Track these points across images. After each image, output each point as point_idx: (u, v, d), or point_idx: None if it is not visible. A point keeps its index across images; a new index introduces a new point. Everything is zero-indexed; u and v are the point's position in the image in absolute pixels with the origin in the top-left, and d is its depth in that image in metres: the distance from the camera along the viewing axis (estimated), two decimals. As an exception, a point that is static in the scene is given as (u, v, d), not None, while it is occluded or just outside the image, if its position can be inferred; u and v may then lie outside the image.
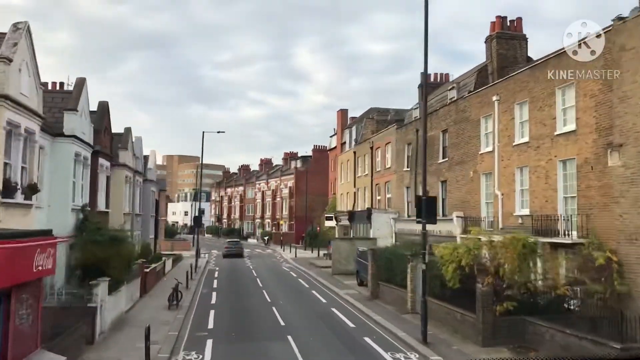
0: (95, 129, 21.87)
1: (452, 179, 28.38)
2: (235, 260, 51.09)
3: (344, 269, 35.69)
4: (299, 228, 79.46)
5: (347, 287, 29.74)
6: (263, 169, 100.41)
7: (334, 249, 36.48)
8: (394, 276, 23.75)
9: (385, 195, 38.81)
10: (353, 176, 46.86)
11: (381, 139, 40.17)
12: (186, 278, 30.00)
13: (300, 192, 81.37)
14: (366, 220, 37.45)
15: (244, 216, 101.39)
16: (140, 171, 33.48)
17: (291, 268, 42.45)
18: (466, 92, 28.35)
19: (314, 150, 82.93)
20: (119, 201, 27.42)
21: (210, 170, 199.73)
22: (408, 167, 34.55)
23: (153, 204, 39.90)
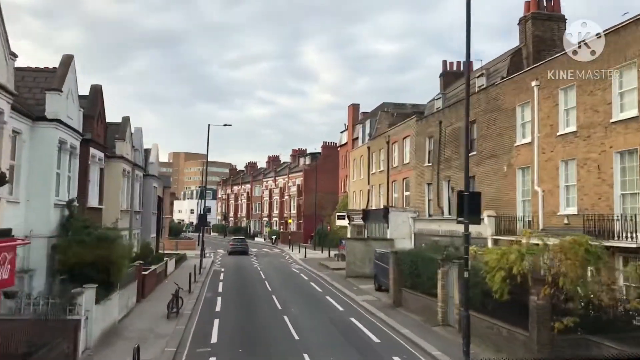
0: (86, 115, 19.43)
1: (482, 174, 25.75)
2: (241, 260, 48.65)
3: (359, 271, 33.14)
4: (307, 227, 76.98)
5: (364, 293, 27.19)
6: (270, 166, 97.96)
7: (348, 250, 33.93)
8: (420, 282, 21.16)
9: (403, 192, 36.20)
10: (367, 173, 44.28)
11: (398, 133, 37.56)
12: (189, 281, 27.54)
13: (309, 190, 78.84)
14: (382, 219, 34.87)
15: (251, 214, 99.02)
16: (141, 165, 31.05)
17: (301, 269, 39.94)
18: (498, 78, 25.70)
19: (324, 147, 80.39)
20: (114, 197, 24.99)
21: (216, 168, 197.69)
22: (429, 162, 31.94)
23: (155, 201, 37.50)
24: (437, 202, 30.46)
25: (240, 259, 50.71)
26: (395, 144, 38.16)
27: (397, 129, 37.85)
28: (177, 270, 37.87)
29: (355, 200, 48.23)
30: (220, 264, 45.36)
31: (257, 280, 33.18)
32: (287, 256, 54.21)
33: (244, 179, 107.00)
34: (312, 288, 29.63)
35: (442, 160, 30.23)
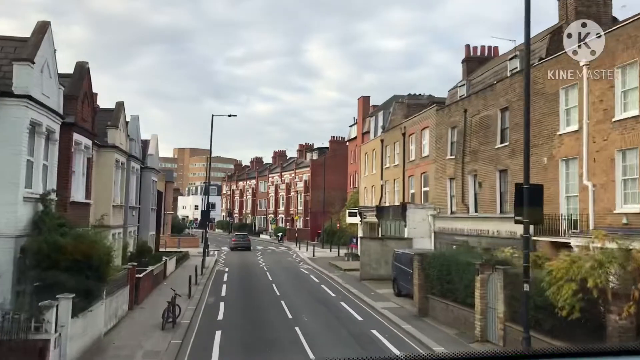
0: (69, 95, 16.80)
1: (517, 167, 22.96)
2: (246, 259, 46.07)
3: (375, 273, 30.48)
4: (314, 224, 74.34)
5: (382, 298, 24.51)
6: (276, 161, 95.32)
7: (362, 251, 31.24)
8: (452, 290, 18.46)
9: (421, 188, 33.47)
10: (380, 167, 41.55)
11: (416, 124, 34.80)
12: (189, 283, 24.91)
13: (317, 185, 76.17)
14: (399, 217, 32.15)
15: (256, 211, 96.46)
16: (137, 157, 28.42)
17: (310, 270, 37.29)
18: (536, 59, 22.90)
19: (331, 142, 77.68)
20: (105, 190, 22.39)
21: (221, 164, 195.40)
22: (452, 155, 29.20)
23: (154, 196, 34.91)
24: (462, 199, 27.72)
25: (245, 257, 48.16)
26: (412, 136, 35.41)
27: (415, 119, 35.08)
28: (178, 271, 35.30)
29: (366, 197, 45.53)
30: (224, 263, 42.79)
31: (263, 282, 30.55)
32: (295, 254, 51.60)
33: (249, 174, 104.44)
34: (325, 292, 26.97)
35: (467, 153, 27.48)
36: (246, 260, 45.00)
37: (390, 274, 29.92)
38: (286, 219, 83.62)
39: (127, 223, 26.11)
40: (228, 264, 41.97)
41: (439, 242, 30.22)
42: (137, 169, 28.35)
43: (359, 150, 49.27)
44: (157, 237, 38.42)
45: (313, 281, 31.24)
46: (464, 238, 27.17)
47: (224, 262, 43.25)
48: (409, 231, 31.19)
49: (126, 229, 25.85)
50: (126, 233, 25.85)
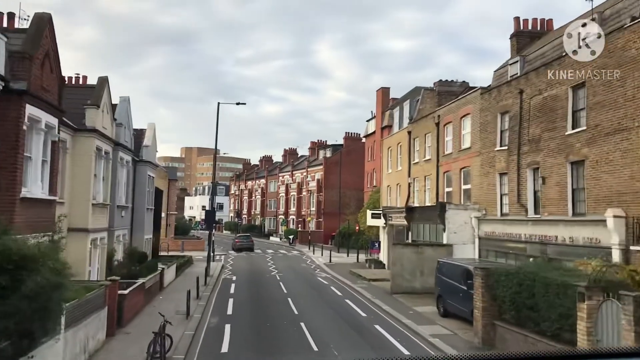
0: (18, 53, 12.30)
1: (598, 158, 18.22)
2: (256, 265, 41.56)
3: (408, 286, 25.82)
4: (328, 226, 69.76)
5: (425, 320, 19.83)
6: (287, 160, 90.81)
7: (394, 259, 26.51)
8: (535, 318, 13.75)
9: (460, 185, 28.76)
10: (406, 163, 36.85)
11: (453, 111, 30.10)
12: (187, 300, 20.33)
13: (330, 185, 71.60)
14: (436, 219, 27.45)
15: (265, 212, 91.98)
16: (128, 146, 23.94)
17: (330, 280, 32.66)
18: (624, 19, 18.14)
19: (346, 138, 73.05)
20: (82, 185, 17.89)
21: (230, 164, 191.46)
22: (504, 145, 24.48)
23: (151, 194, 30.44)
24: (517, 198, 22.99)
25: (254, 262, 43.66)
26: (447, 126, 30.71)
27: (451, 106, 30.35)
28: (179, 280, 30.82)
29: (390, 196, 40.85)
30: (232, 269, 38.25)
31: (277, 295, 25.96)
32: (309, 260, 46.99)
33: (259, 173, 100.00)
34: (352, 310, 22.30)
35: (524, 142, 22.75)
36: (256, 267, 40.47)
37: (425, 287, 25.33)
38: (297, 220, 79.09)
39: (114, 225, 21.62)
40: (236, 270, 37.43)
41: (485, 249, 25.52)
42: (127, 161, 23.86)
43: (381, 145, 44.56)
44: (155, 240, 33.98)
45: (335, 294, 26.60)
46: (521, 245, 22.48)
47: (231, 269, 38.73)
48: (448, 236, 26.49)
49: (112, 233, 21.36)
50: (112, 237, 21.37)
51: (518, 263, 19.51)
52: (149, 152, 28.55)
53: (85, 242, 17.78)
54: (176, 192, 60.87)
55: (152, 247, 32.83)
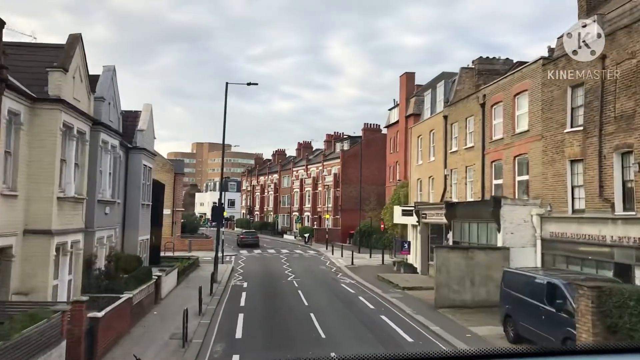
0: None
1: None
2: (270, 267, 37.21)
3: (456, 298, 21.22)
4: (345, 223, 65.26)
5: (492, 346, 15.23)
6: (302, 153, 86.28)
7: (439, 265, 21.84)
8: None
9: (514, 177, 24.08)
10: (442, 152, 32.20)
11: (504, 89, 25.38)
12: (184, 320, 15.88)
13: (348, 179, 67.06)
14: (486, 216, 22.79)
15: (278, 208, 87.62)
16: (115, 128, 19.54)
17: (356, 287, 28.13)
18: None
19: (365, 130, 68.35)
20: (43, 173, 13.51)
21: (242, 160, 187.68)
22: (577, 126, 19.77)
23: (148, 187, 26.10)
24: (599, 190, 18.28)
25: (268, 264, 39.28)
26: (497, 107, 26.01)
27: (501, 83, 25.60)
28: (181, 287, 26.50)
29: (421, 191, 36.20)
30: (243, 273, 33.86)
31: (297, 309, 21.48)
32: (328, 261, 42.48)
33: (271, 168, 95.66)
34: (393, 331, 17.72)
35: (609, 120, 18.03)
36: (270, 269, 36.06)
37: (477, 300, 20.81)
38: (312, 217, 74.62)
39: (94, 225, 17.27)
40: (247, 274, 33.03)
41: (551, 254, 20.84)
42: (113, 146, 19.46)
43: (408, 133, 39.83)
44: (155, 241, 29.70)
45: (366, 308, 22.04)
46: (604, 249, 17.81)
47: (242, 272, 34.36)
48: (504, 237, 21.82)
49: (91, 235, 17.01)
50: (91, 240, 17.01)
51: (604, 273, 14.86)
52: (144, 137, 24.17)
53: (48, 247, 13.42)
54: (183, 187, 56.55)
55: (150, 249, 28.58)
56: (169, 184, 49.32)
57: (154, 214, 28.89)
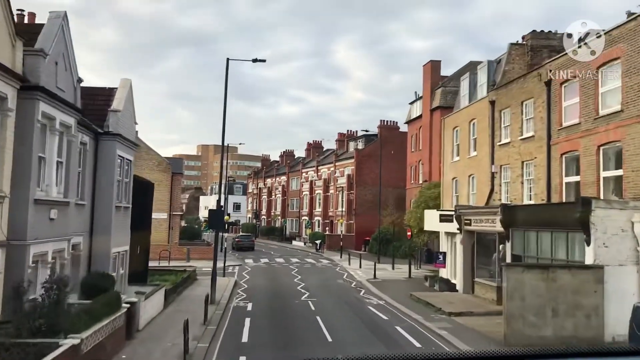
0: None
1: None
2: (278, 281, 31.86)
3: (534, 334, 15.61)
4: (360, 229, 59.77)
5: None
6: (311, 154, 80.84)
7: (511, 290, 16.17)
8: None
9: (599, 172, 18.50)
10: (487, 145, 26.67)
11: (578, 61, 19.78)
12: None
13: (363, 181, 61.60)
14: (571, 223, 17.15)
15: (287, 212, 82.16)
16: (65, 98, 14.03)
17: (387, 310, 22.53)
18: None
19: (381, 127, 62.81)
20: None
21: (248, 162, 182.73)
22: None
23: (127, 186, 20.67)
24: None
25: (276, 277, 33.88)
26: (569, 84, 20.46)
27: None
28: (169, 312, 21.07)
29: (458, 192, 30.65)
30: (247, 289, 28.37)
31: (319, 347, 15.95)
32: (345, 274, 36.95)
33: (279, 170, 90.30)
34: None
35: None
36: (279, 285, 30.61)
37: (561, 336, 15.30)
38: (323, 222, 69.15)
39: (27, 235, 11.82)
40: (252, 291, 27.57)
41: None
42: (65, 125, 13.98)
43: (441, 126, 34.16)
44: (142, 250, 24.35)
45: (410, 344, 16.43)
46: None
47: (246, 288, 28.92)
48: (595, 252, 16.22)
49: (22, 251, 11.55)
50: (22, 257, 11.56)
51: None
52: (120, 121, 18.75)
53: None
54: (185, 190, 51.27)
55: (135, 261, 23.23)
56: (165, 185, 44.06)
57: (138, 218, 23.56)
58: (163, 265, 38.40)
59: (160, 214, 42.85)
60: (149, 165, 43.71)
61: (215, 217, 22.81)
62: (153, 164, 43.81)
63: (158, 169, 43.82)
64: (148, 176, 43.58)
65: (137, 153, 44.40)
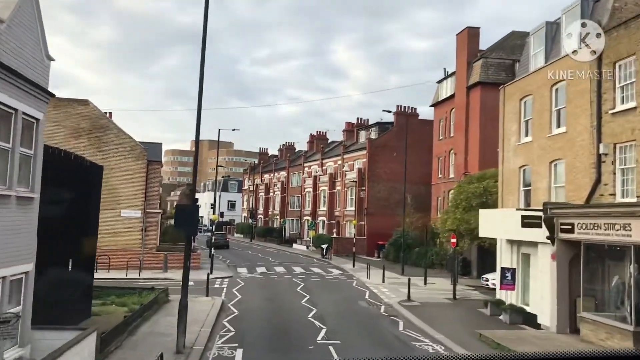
0: None
1: None
2: (281, 303, 23.61)
3: None
4: (373, 231, 51.39)
5: None
6: (315, 147, 72.36)
7: None
8: None
9: None
10: (586, 116, 18.25)
11: None
12: None
13: (377, 176, 53.19)
14: None
15: (286, 211, 73.68)
16: None
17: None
18: None
19: (398, 114, 54.38)
20: None
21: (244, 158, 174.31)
22: None
23: (31, 162, 12.11)
24: None
25: (277, 299, 25.40)
26: None
27: None
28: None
29: (534, 184, 22.13)
30: (237, 321, 19.72)
31: None
32: (366, 291, 28.49)
33: (278, 164, 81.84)
34: None
35: None
36: (282, 311, 22.17)
37: None
38: (329, 222, 60.72)
39: None
40: (244, 324, 19.07)
41: None
42: None
43: (501, 97, 25.49)
44: (64, 267, 15.89)
45: None
46: None
47: (236, 316, 20.46)
48: None
49: None
50: None
51: None
52: (9, 44, 10.22)
53: None
54: (161, 180, 42.83)
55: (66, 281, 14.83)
56: (139, 175, 35.58)
57: (74, 217, 15.20)
58: (131, 277, 30.00)
59: (132, 212, 34.40)
60: (119, 151, 35.24)
61: (184, 215, 14.28)
62: (124, 149, 35.34)
63: (130, 156, 35.36)
64: (118, 164, 35.10)
65: (104, 136, 35.95)
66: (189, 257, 14.95)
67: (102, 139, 35.14)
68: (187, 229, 14.43)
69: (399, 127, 53.99)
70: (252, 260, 44.95)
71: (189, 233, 14.58)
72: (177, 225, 14.27)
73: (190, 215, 14.46)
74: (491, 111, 33.24)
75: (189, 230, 14.49)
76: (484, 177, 31.63)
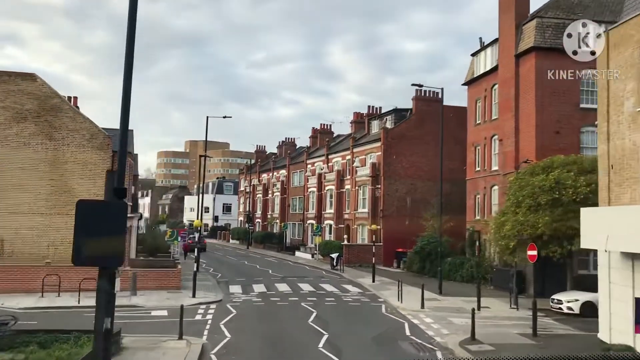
0: None
1: None
2: (288, 352, 15.69)
3: None
4: (390, 236, 43.68)
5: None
6: (318, 142, 64.57)
7: None
8: None
9: None
10: None
11: None
12: None
13: (394, 172, 45.44)
14: None
15: (287, 214, 65.82)
16: None
17: None
18: None
19: (417, 99, 46.61)
20: None
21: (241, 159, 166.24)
22: None
23: None
24: None
25: (283, 342, 17.49)
26: None
27: None
28: None
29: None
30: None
31: None
32: (405, 323, 20.66)
33: (277, 162, 74.06)
34: None
35: None
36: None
37: None
38: (336, 227, 52.92)
39: None
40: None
41: None
42: None
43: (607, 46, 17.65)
44: None
45: None
46: None
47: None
48: None
49: None
50: None
51: None
52: None
53: None
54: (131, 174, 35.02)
55: None
56: (101, 169, 27.82)
57: None
58: (84, 305, 22.11)
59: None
60: (76, 139, 27.51)
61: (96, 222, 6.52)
62: (82, 137, 27.61)
63: (90, 145, 27.61)
64: (74, 156, 27.42)
65: (56, 120, 28.08)
66: (111, 312, 7.01)
67: (54, 124, 27.40)
68: (99, 257, 6.63)
69: (418, 115, 46.34)
70: (248, 273, 37.14)
71: (104, 263, 6.83)
72: (79, 245, 6.27)
73: (111, 222, 6.65)
74: (550, 84, 25.69)
75: (104, 259, 6.73)
76: (551, 166, 24.16)
